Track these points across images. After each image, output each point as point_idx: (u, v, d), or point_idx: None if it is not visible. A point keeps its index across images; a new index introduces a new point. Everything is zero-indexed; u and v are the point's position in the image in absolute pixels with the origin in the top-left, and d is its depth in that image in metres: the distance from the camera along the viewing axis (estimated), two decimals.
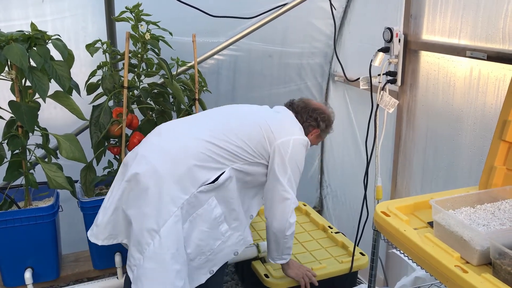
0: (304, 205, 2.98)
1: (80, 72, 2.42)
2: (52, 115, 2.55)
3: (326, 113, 2.20)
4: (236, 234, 1.95)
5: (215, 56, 2.88)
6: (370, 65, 2.34)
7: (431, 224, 1.52)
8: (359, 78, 2.51)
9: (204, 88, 2.55)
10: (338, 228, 2.73)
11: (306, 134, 2.11)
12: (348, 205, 3.28)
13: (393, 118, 2.58)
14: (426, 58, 2.33)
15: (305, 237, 2.64)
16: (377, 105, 2.35)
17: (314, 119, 2.14)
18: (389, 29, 2.33)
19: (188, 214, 1.82)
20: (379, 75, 2.37)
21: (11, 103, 1.90)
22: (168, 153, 1.85)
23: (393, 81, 2.45)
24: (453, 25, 2.14)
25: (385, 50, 2.37)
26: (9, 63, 1.91)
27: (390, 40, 2.34)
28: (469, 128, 2.12)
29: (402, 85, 2.47)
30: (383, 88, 2.37)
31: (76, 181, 2.25)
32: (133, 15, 2.19)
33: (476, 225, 1.36)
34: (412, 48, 2.38)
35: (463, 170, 2.17)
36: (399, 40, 2.35)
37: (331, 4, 2.71)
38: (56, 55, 1.95)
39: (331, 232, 2.63)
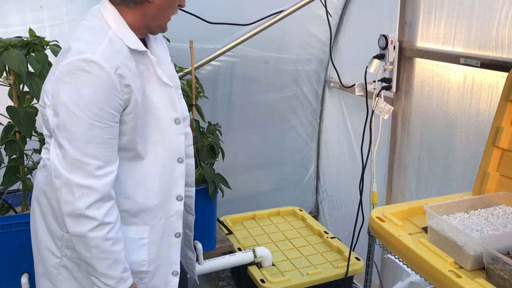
0: (300, 210, 2.99)
1: None
2: None
3: None
4: None
5: (212, 62, 2.89)
6: (366, 71, 2.37)
7: (425, 229, 1.54)
8: (354, 85, 2.53)
9: (201, 94, 2.56)
10: (334, 233, 2.74)
11: (138, 17, 1.37)
12: (344, 210, 3.29)
13: (388, 124, 2.60)
14: (421, 65, 2.36)
15: (301, 242, 2.65)
16: (372, 111, 2.37)
17: None
18: (384, 36, 2.36)
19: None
20: (374, 81, 2.40)
21: (9, 109, 1.91)
22: None
23: (388, 88, 2.47)
24: (447, 33, 2.17)
25: (380, 57, 2.39)
26: (7, 68, 1.92)
27: (385, 47, 2.36)
28: (463, 134, 2.15)
29: (397, 91, 2.49)
30: (378, 95, 2.39)
31: None
32: None
33: (470, 231, 1.37)
34: (407, 55, 2.41)
35: (457, 175, 2.19)
36: (394, 47, 2.37)
37: (326, 11, 2.74)
38: (54, 61, 1.95)
39: (327, 237, 2.65)
